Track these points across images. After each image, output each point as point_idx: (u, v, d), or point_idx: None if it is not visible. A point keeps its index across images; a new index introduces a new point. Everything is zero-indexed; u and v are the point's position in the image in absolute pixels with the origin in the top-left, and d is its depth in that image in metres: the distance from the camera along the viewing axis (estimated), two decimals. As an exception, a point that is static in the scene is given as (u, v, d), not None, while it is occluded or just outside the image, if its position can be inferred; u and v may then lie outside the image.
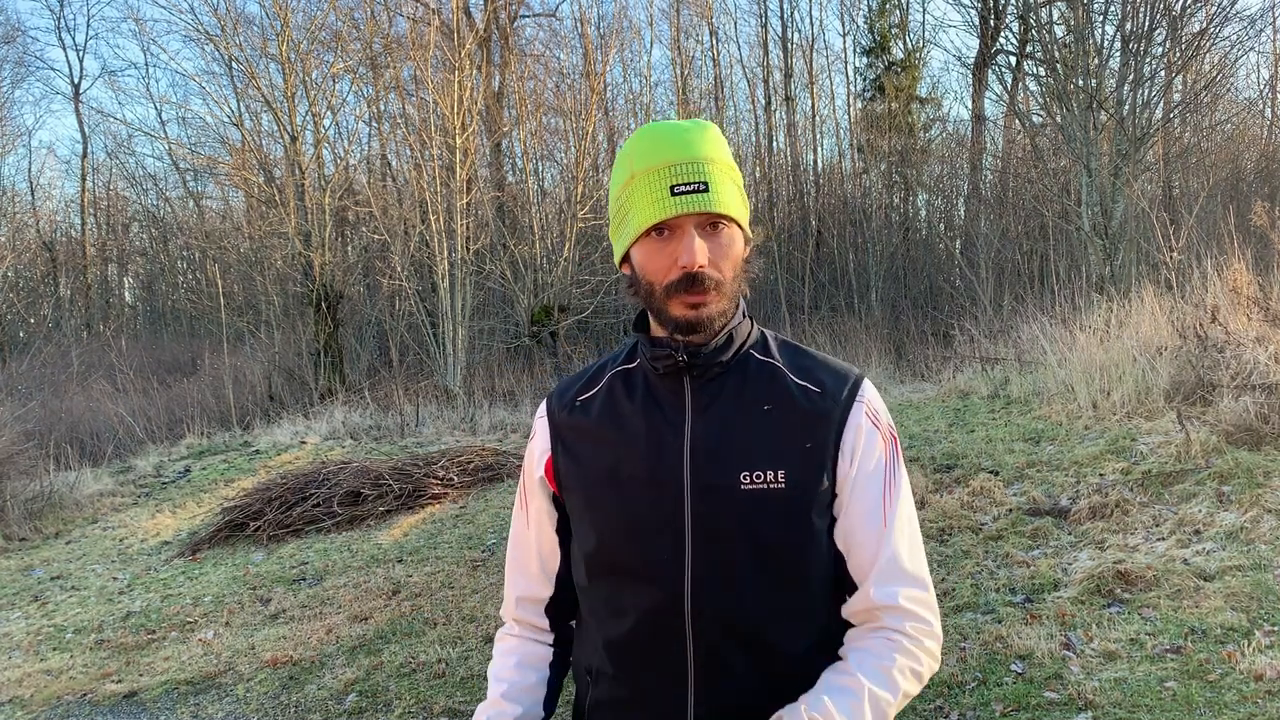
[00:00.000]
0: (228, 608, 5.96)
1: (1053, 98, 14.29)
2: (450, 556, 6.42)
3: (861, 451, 1.31)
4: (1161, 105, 13.94)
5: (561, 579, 1.45)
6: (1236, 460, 5.53)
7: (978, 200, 18.96)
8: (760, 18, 23.91)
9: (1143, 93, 13.23)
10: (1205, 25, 13.51)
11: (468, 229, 15.09)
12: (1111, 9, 13.50)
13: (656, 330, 1.35)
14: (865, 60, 22.24)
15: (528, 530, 1.46)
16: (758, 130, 23.40)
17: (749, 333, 1.37)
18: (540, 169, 20.50)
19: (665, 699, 1.30)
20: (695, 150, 1.26)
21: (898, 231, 19.87)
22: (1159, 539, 4.93)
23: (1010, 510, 5.72)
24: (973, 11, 20.40)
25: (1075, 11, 13.44)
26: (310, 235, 15.27)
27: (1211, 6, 13.42)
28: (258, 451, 10.83)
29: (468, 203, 15.11)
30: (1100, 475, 5.97)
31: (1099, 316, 9.10)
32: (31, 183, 29.81)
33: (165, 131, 25.50)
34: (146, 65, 43.97)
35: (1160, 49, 13.52)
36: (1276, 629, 3.72)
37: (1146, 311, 8.54)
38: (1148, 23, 12.95)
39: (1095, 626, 4.00)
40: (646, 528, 1.29)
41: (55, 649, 5.61)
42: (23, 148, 41.25)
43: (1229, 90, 17.10)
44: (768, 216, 20.70)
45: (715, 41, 24.17)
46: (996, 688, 3.61)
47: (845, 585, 1.33)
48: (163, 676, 4.90)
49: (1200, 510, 5.09)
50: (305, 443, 10.88)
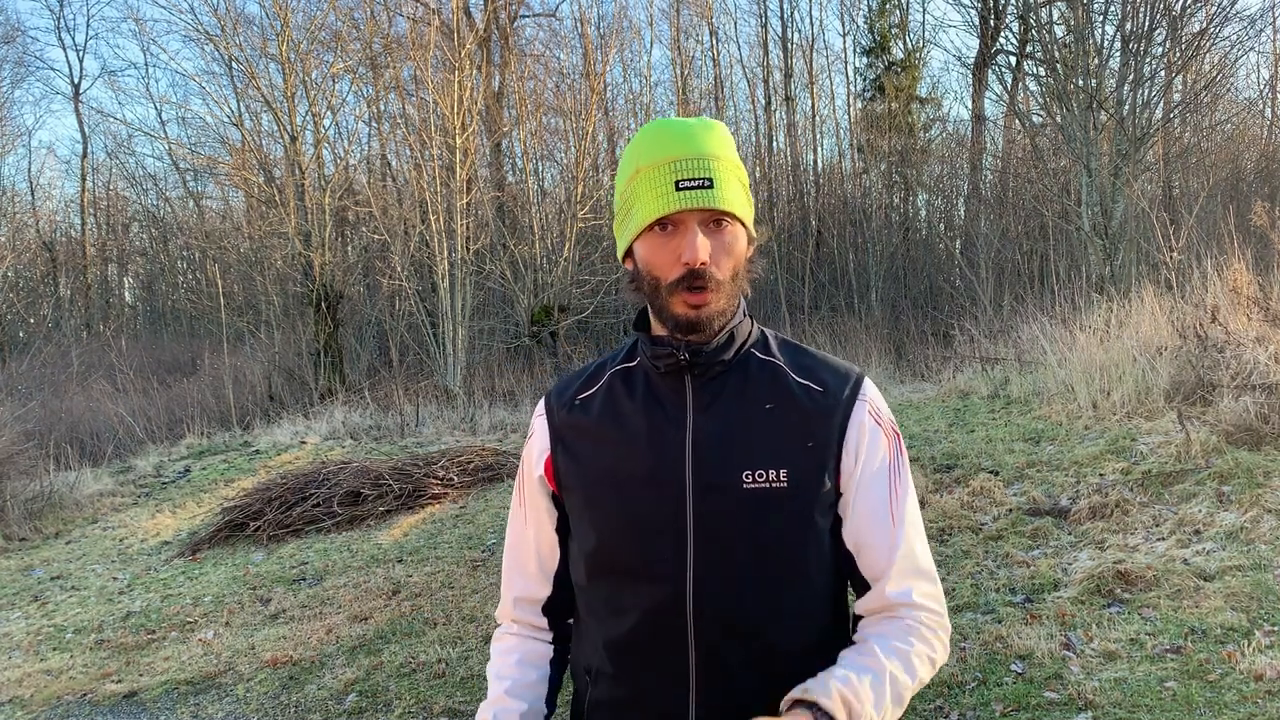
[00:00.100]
0: (228, 608, 5.96)
1: (1053, 98, 14.29)
2: (450, 556, 6.42)
3: (866, 450, 1.32)
4: (1161, 105, 13.95)
5: (560, 578, 1.45)
6: (1236, 460, 5.53)
7: (978, 200, 18.96)
8: (760, 18, 23.94)
9: (1143, 93, 13.23)
10: (1205, 25, 13.51)
11: (468, 229, 15.09)
12: (1111, 9, 13.51)
13: (657, 329, 1.35)
14: (865, 60, 22.25)
15: (525, 530, 1.45)
16: (758, 130, 23.41)
17: (749, 332, 1.37)
18: (540, 169, 20.53)
19: (666, 699, 1.29)
20: (701, 146, 1.26)
21: (898, 231, 19.87)
22: (1159, 539, 4.93)
23: (1010, 510, 5.72)
24: (973, 11, 20.42)
25: (1075, 11, 13.44)
26: (310, 235, 15.27)
27: (1211, 6, 13.44)
28: (258, 451, 10.83)
29: (468, 203, 15.11)
30: (1100, 475, 5.97)
31: (1099, 316, 9.10)
32: (31, 183, 29.85)
33: (165, 131, 25.53)
34: (146, 65, 44.01)
35: (1160, 49, 13.53)
36: (1276, 629, 3.72)
37: (1146, 311, 8.54)
38: (1148, 23, 12.95)
39: (1095, 626, 4.00)
40: (648, 527, 1.29)
41: (55, 649, 5.61)
42: (23, 148, 41.30)
43: (1229, 90, 17.12)
44: (768, 216, 20.70)
45: (715, 41, 24.20)
46: (996, 688, 3.61)
47: (857, 583, 1.34)
48: (163, 676, 4.90)
49: (1200, 510, 5.09)
50: (305, 443, 10.88)
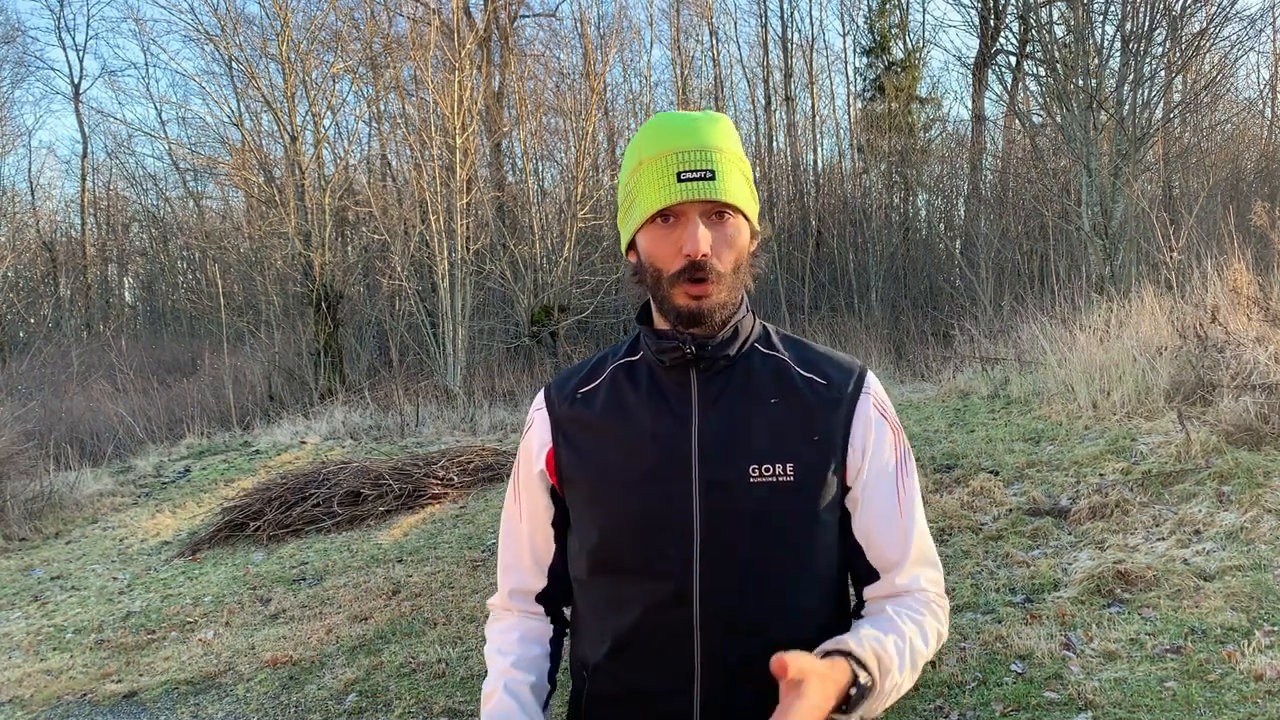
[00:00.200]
0: (228, 608, 5.96)
1: (1053, 98, 14.29)
2: (450, 556, 6.42)
3: (873, 444, 1.33)
4: (1161, 105, 13.94)
5: (554, 572, 1.44)
6: (1236, 460, 5.53)
7: (978, 200, 18.96)
8: (760, 18, 23.92)
9: (1143, 93, 13.23)
10: (1205, 25, 13.51)
11: (468, 229, 15.09)
12: (1111, 9, 13.51)
13: (659, 322, 1.35)
14: (865, 60, 22.25)
15: (520, 524, 1.44)
16: (758, 130, 23.40)
17: (752, 326, 1.37)
18: (540, 169, 20.52)
19: (669, 696, 1.29)
20: (704, 139, 1.26)
21: (898, 231, 19.86)
22: (1159, 539, 4.93)
23: (1010, 510, 5.72)
24: (973, 11, 20.41)
25: (1075, 11, 13.44)
26: (310, 235, 15.27)
27: (1211, 6, 13.43)
28: (258, 451, 10.83)
29: (468, 203, 15.11)
30: (1100, 475, 5.97)
31: (1099, 316, 9.10)
32: (31, 183, 29.84)
33: (165, 131, 25.52)
34: (146, 65, 44.03)
35: (1160, 49, 13.52)
36: (1276, 629, 3.72)
37: (1146, 311, 8.54)
38: (1148, 23, 12.95)
39: (1095, 626, 4.00)
40: (653, 523, 1.28)
41: (55, 649, 5.61)
42: (23, 148, 41.27)
43: (1229, 90, 17.11)
44: (768, 216, 20.70)
45: (715, 41, 24.19)
46: (996, 688, 3.61)
47: (863, 573, 1.36)
48: (163, 676, 4.90)
49: (1200, 510, 5.09)
50: (305, 443, 10.88)
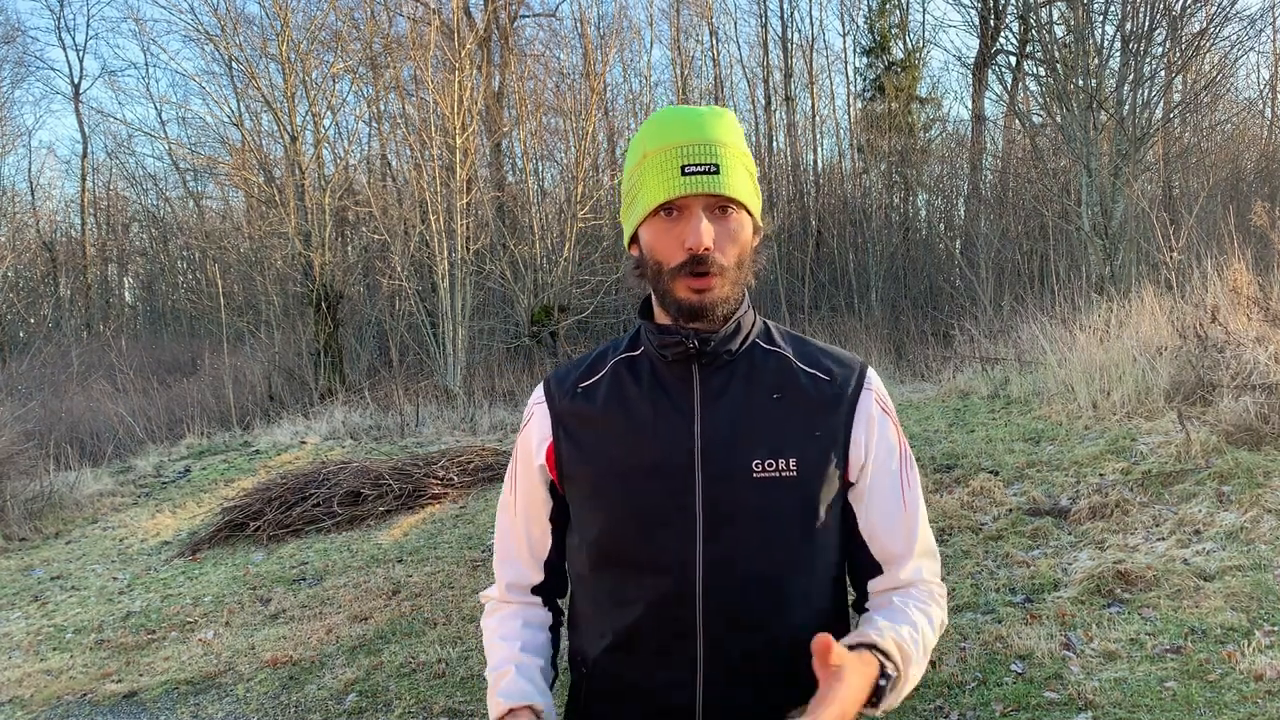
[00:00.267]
0: (228, 608, 5.96)
1: (1053, 98, 14.29)
2: (450, 556, 6.42)
3: (876, 440, 1.34)
4: (1161, 105, 13.94)
5: (550, 565, 1.44)
6: (1236, 460, 5.53)
7: (978, 200, 18.95)
8: (760, 18, 23.92)
9: (1143, 93, 13.23)
10: (1205, 25, 13.51)
11: (468, 229, 15.09)
12: (1111, 9, 13.51)
13: (660, 317, 1.35)
14: (865, 60, 22.24)
15: (517, 518, 1.44)
16: (758, 130, 23.39)
17: (754, 322, 1.37)
18: (540, 169, 20.52)
19: (671, 690, 1.29)
20: (709, 133, 1.26)
21: (898, 231, 19.86)
22: (1159, 539, 4.93)
23: (1010, 510, 5.72)
24: (973, 11, 20.41)
25: (1075, 11, 13.44)
26: (310, 235, 15.27)
27: (1211, 6, 13.43)
28: (258, 451, 10.83)
29: (468, 203, 15.11)
30: (1100, 475, 5.97)
31: (1099, 316, 9.10)
32: (31, 183, 29.83)
33: (165, 131, 25.52)
34: (146, 65, 44.05)
35: (1160, 49, 13.52)
36: (1276, 629, 3.72)
37: (1146, 311, 8.54)
38: (1148, 23, 12.95)
39: (1095, 626, 4.00)
40: (656, 517, 1.28)
41: (55, 649, 5.61)
42: (23, 148, 41.27)
43: (1229, 90, 17.11)
44: (768, 216, 20.69)
45: (715, 41, 24.19)
46: (996, 688, 3.61)
47: (866, 567, 1.37)
48: (163, 676, 4.90)
49: (1200, 510, 5.09)
50: (305, 443, 10.88)
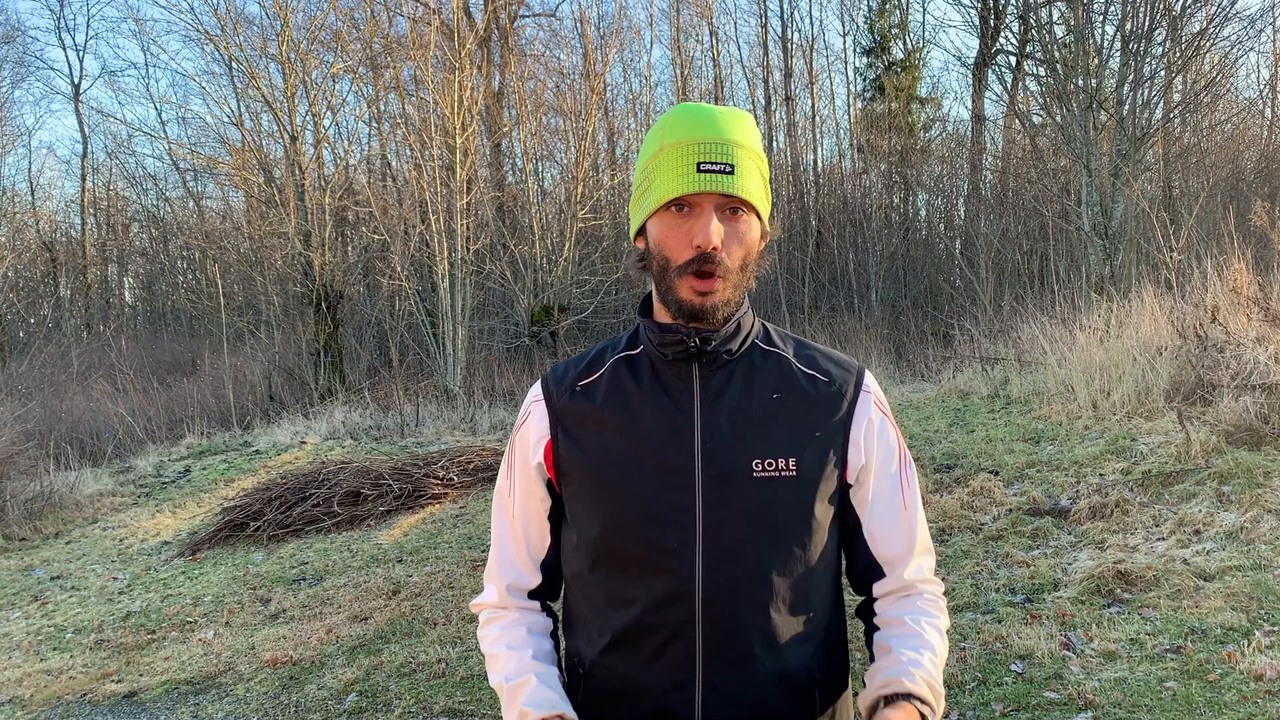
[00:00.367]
0: (228, 608, 5.96)
1: (1053, 98, 14.28)
2: (450, 556, 6.42)
3: (877, 442, 1.35)
4: (1161, 105, 13.93)
5: (547, 567, 1.42)
6: (1236, 460, 5.53)
7: (978, 200, 18.95)
8: (760, 18, 23.92)
9: (1143, 93, 13.23)
10: (1205, 25, 13.51)
11: (468, 229, 15.09)
12: (1111, 9, 13.50)
13: (660, 315, 1.35)
14: (865, 60, 22.24)
15: (514, 519, 1.42)
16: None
17: (753, 323, 1.38)
18: (540, 169, 20.50)
19: (671, 690, 1.29)
20: (727, 132, 1.26)
21: (898, 231, 19.86)
22: (1159, 539, 4.93)
23: (1010, 510, 5.72)
24: (973, 11, 20.41)
25: (1075, 11, 13.43)
26: (310, 235, 15.27)
27: (1211, 6, 13.43)
28: (258, 451, 10.83)
29: (468, 203, 15.11)
30: (1100, 475, 5.97)
31: (1099, 316, 9.10)
32: (31, 183, 29.83)
33: (165, 131, 25.56)
34: (146, 65, 44.04)
35: (1160, 49, 13.52)
36: (1276, 629, 3.72)
37: (1146, 311, 8.54)
38: (1148, 23, 12.95)
39: (1095, 626, 4.00)
40: (656, 516, 1.28)
41: (55, 649, 5.61)
42: (23, 148, 41.35)
43: (1229, 90, 17.10)
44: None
45: (715, 41, 24.19)
46: (996, 688, 3.61)
47: (869, 569, 1.39)
48: (163, 676, 4.90)
49: (1200, 510, 5.09)
50: (305, 443, 10.88)
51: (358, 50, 17.66)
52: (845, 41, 27.88)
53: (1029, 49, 18.01)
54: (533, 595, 1.43)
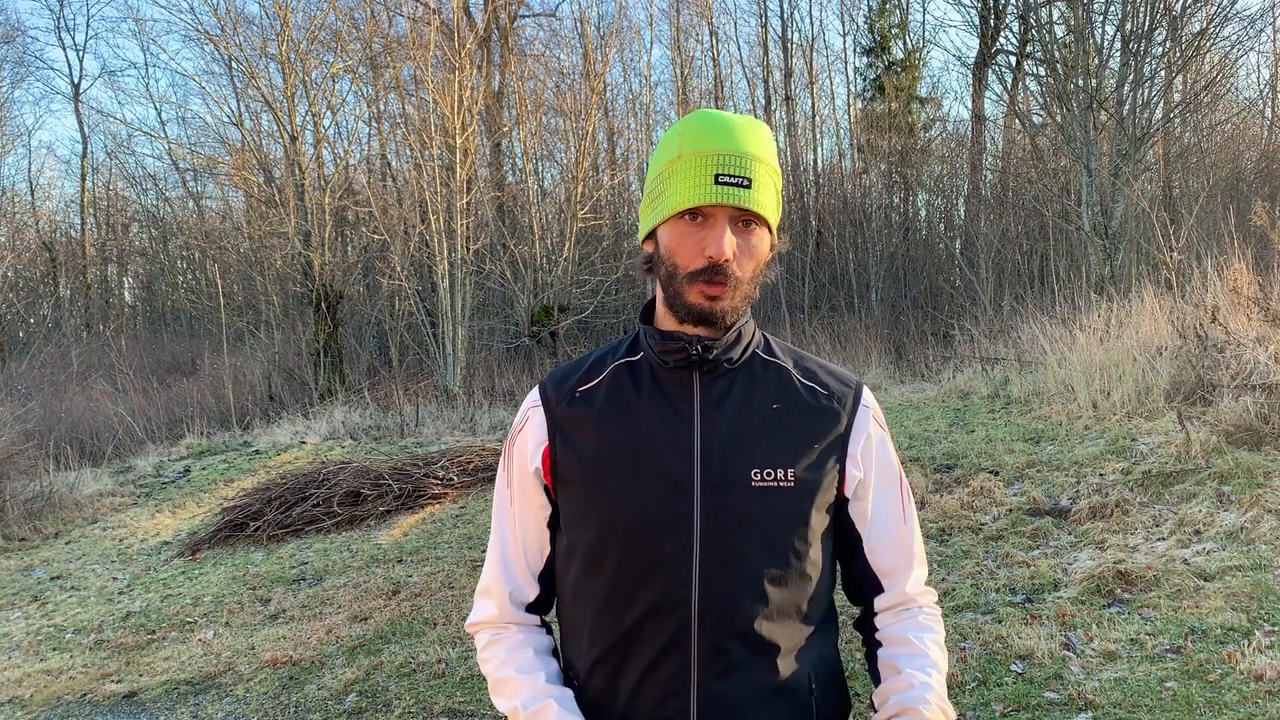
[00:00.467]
0: (228, 608, 5.96)
1: (1053, 98, 14.28)
2: (450, 556, 6.42)
3: (875, 458, 1.37)
4: (1161, 105, 13.93)
5: (544, 578, 1.41)
6: (1236, 460, 5.53)
7: (978, 200, 18.94)
8: (760, 17, 23.92)
9: (1143, 93, 13.23)
10: (1205, 25, 13.51)
11: (468, 229, 15.09)
12: (1111, 9, 13.49)
13: (663, 322, 1.35)
14: (865, 60, 22.25)
15: (515, 529, 1.40)
16: (757, 130, 23.34)
17: (754, 333, 1.38)
18: (540, 169, 20.51)
19: (666, 698, 1.28)
20: (746, 145, 1.27)
21: (898, 231, 19.86)
22: (1159, 539, 4.93)
23: (1010, 510, 5.72)
24: (973, 11, 20.41)
25: (1075, 11, 13.43)
26: (310, 235, 15.27)
27: (1211, 6, 13.43)
28: (258, 451, 10.83)
29: (468, 203, 15.11)
30: (1100, 475, 5.97)
31: (1099, 316, 9.10)
32: (31, 183, 29.82)
33: (165, 131, 25.55)
34: (146, 65, 43.92)
35: (1160, 49, 13.52)
36: (1276, 629, 3.72)
37: (1146, 311, 8.54)
38: (1148, 23, 12.94)
39: (1095, 626, 4.00)
40: (654, 523, 1.28)
41: (55, 649, 5.61)
42: (23, 148, 41.30)
43: (1229, 90, 17.10)
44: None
45: (715, 41, 24.19)
46: (996, 688, 3.61)
47: (867, 582, 1.40)
48: (163, 676, 4.90)
49: (1200, 510, 5.09)
50: (305, 443, 10.88)
51: (357, 50, 17.67)
52: (845, 41, 27.91)
53: (1029, 49, 18.01)
54: (530, 608, 1.42)
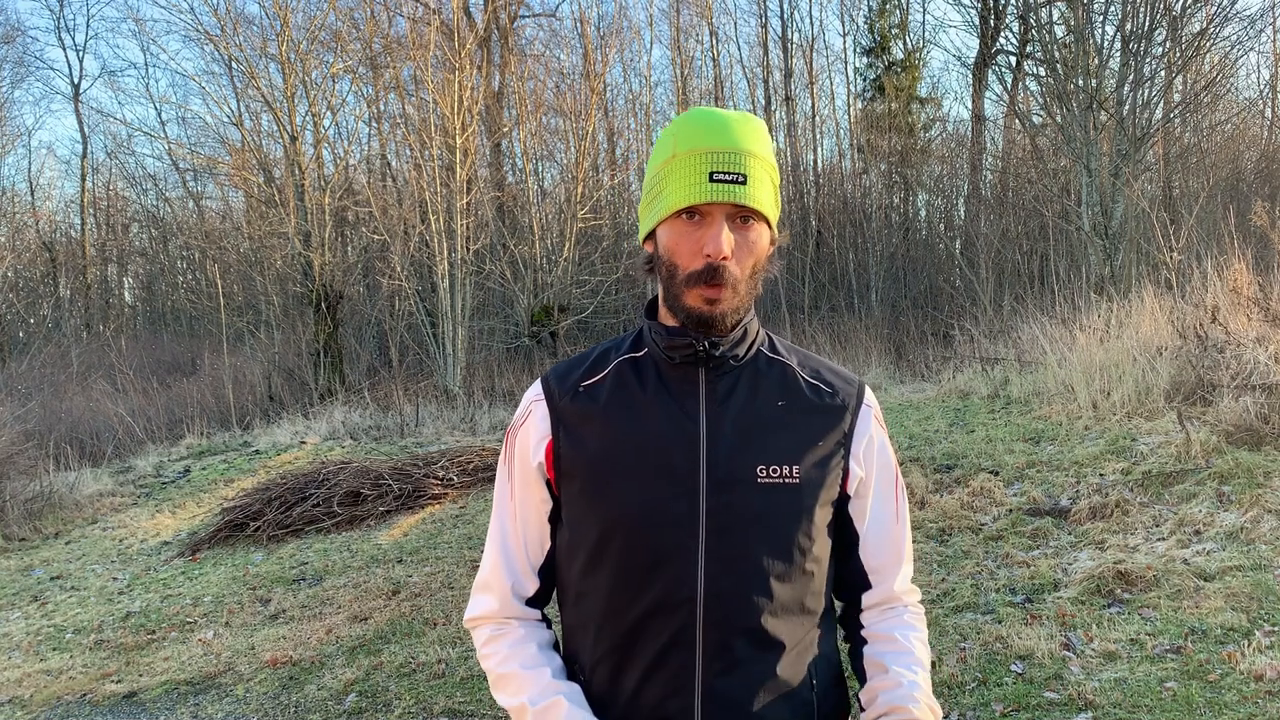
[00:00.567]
0: (228, 608, 5.96)
1: (1053, 98, 14.28)
2: (450, 556, 6.42)
3: (876, 456, 1.39)
4: (1161, 105, 13.93)
5: (544, 572, 1.41)
6: (1236, 460, 5.53)
7: (978, 200, 18.94)
8: (760, 18, 23.93)
9: (1143, 93, 13.22)
10: (1205, 25, 13.51)
11: (468, 229, 15.09)
12: (1111, 9, 13.50)
13: (668, 318, 1.35)
14: (865, 60, 22.26)
15: (516, 523, 1.39)
16: (758, 130, 23.34)
17: (758, 330, 1.39)
18: (540, 169, 20.51)
19: (671, 695, 1.28)
20: (740, 142, 1.27)
21: (898, 231, 19.86)
22: (1159, 539, 4.93)
23: (1010, 510, 5.72)
24: (973, 11, 20.42)
25: (1075, 11, 13.43)
26: (310, 235, 15.27)
27: (1211, 6, 13.43)
28: (258, 451, 10.83)
29: (468, 203, 15.11)
30: (1100, 475, 5.97)
31: (1099, 316, 9.10)
32: (31, 183, 29.82)
33: (165, 131, 25.56)
34: (146, 65, 43.90)
35: (1160, 49, 13.52)
36: (1276, 629, 3.72)
37: (1146, 311, 8.54)
38: (1148, 23, 12.94)
39: (1095, 626, 4.00)
40: (659, 519, 1.28)
41: (55, 649, 5.61)
42: (23, 148, 41.32)
43: (1229, 90, 17.10)
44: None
45: (715, 41, 24.19)
46: (996, 688, 3.61)
47: (858, 579, 1.41)
48: (163, 676, 4.90)
49: (1200, 510, 5.09)
50: (305, 443, 10.88)
51: (358, 50, 17.67)
52: (845, 41, 27.91)
53: (1029, 49, 18.01)
54: (530, 603, 1.41)
